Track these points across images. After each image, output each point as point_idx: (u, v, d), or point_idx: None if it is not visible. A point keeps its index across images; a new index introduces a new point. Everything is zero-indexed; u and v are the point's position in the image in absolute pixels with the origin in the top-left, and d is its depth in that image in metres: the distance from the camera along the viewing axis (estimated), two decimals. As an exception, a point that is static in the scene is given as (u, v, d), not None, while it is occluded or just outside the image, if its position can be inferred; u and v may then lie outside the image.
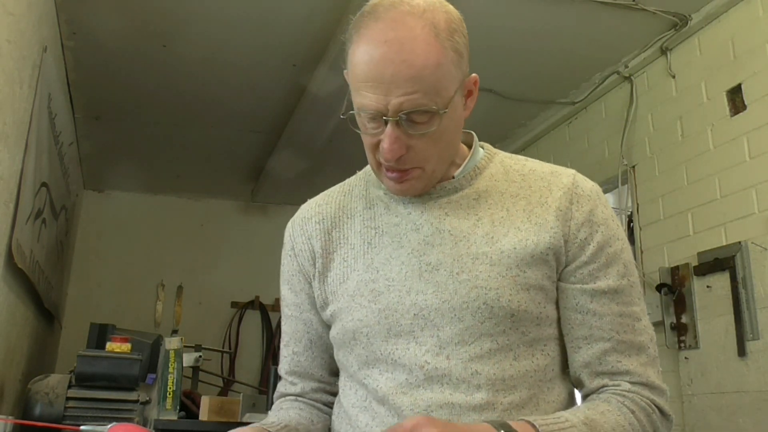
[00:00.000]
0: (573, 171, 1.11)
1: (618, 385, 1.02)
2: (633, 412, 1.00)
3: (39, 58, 2.75)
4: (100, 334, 2.95)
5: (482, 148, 1.15)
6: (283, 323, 1.21)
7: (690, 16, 3.11)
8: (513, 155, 1.16)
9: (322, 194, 1.20)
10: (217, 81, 3.80)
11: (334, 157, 4.42)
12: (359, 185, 1.17)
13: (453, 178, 1.09)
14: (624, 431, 0.98)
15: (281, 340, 1.20)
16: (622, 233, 1.09)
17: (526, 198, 1.07)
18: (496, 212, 1.06)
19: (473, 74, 1.05)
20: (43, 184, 3.14)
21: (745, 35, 2.90)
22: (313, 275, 1.13)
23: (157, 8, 3.10)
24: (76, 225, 5.26)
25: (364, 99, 0.97)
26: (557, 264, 1.04)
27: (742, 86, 2.88)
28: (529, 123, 4.33)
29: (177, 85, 3.85)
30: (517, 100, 3.88)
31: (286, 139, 4.38)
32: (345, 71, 1.05)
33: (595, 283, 1.04)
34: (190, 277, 5.63)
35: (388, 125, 0.97)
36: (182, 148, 4.81)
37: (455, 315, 1.00)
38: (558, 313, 1.06)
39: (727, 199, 2.91)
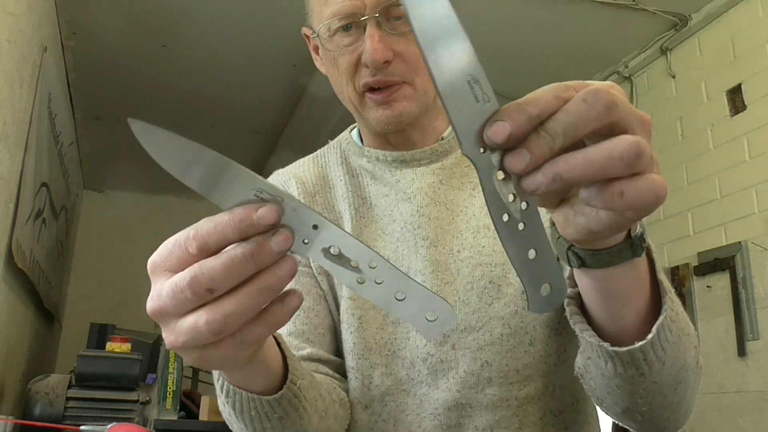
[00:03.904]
0: None
1: None
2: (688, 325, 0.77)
3: (39, 58, 2.75)
4: (100, 334, 2.95)
5: None
6: None
7: (690, 16, 3.11)
8: None
9: (292, 164, 1.09)
10: (217, 81, 3.80)
11: (334, 157, 4.42)
12: (334, 154, 1.06)
13: (442, 139, 0.99)
14: (688, 332, 0.71)
15: None
16: None
17: None
18: None
19: None
20: (43, 184, 3.14)
21: (745, 35, 2.90)
22: None
23: (157, 8, 3.10)
24: (76, 225, 5.26)
25: (334, 6, 0.88)
26: None
27: (742, 86, 2.88)
28: (529, 123, 4.32)
29: (177, 85, 3.85)
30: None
31: (286, 139, 4.38)
32: (305, 19, 0.98)
33: None
34: (190, 277, 5.62)
35: (368, 26, 0.87)
36: (182, 148, 4.81)
37: (459, 298, 0.89)
38: None
39: (727, 199, 2.91)
